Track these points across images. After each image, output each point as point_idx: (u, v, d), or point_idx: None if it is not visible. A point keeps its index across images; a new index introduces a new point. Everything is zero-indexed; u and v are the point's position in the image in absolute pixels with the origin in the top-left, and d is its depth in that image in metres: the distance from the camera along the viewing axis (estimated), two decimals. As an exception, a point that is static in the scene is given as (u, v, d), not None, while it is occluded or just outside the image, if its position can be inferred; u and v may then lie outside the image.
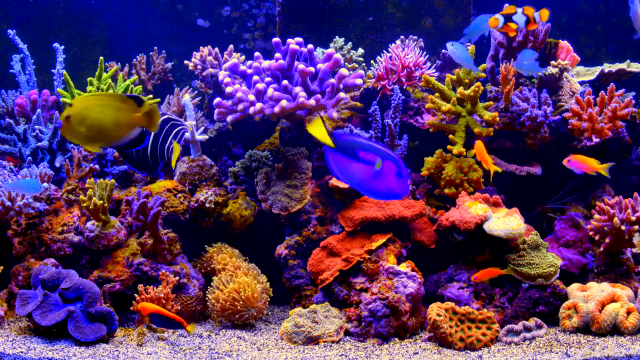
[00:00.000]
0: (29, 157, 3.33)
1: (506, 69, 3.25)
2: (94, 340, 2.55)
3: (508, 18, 2.80)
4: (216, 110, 3.17)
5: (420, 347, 2.60)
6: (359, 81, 3.16)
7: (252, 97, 3.05)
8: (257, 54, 3.27)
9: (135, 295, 2.80)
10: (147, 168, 2.60)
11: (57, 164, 3.41)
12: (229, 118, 3.13)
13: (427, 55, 3.61)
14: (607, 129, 3.09)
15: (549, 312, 2.73)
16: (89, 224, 2.97)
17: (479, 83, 3.14)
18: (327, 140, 2.13)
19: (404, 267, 2.80)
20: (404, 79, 3.50)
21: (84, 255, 3.03)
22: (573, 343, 2.51)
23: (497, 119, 3.15)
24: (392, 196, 2.13)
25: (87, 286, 2.65)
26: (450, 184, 3.15)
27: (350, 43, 3.98)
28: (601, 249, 2.86)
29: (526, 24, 2.82)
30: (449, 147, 3.18)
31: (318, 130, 2.14)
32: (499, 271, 2.79)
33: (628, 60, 3.66)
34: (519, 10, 2.80)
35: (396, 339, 2.71)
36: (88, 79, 3.90)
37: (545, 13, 2.84)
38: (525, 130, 3.24)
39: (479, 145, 2.95)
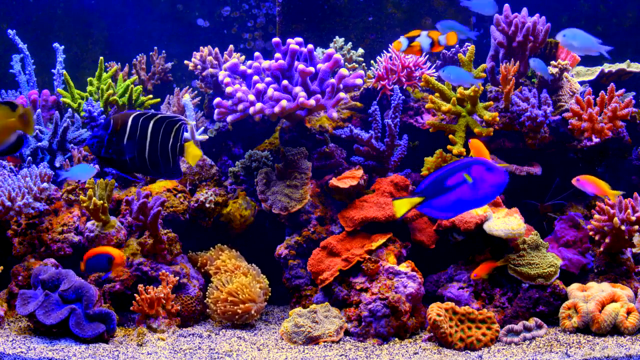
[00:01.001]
0: (29, 157, 3.33)
1: (506, 69, 3.25)
2: (92, 337, 2.55)
3: (412, 39, 2.81)
4: (216, 110, 3.17)
5: (420, 347, 2.60)
6: (359, 81, 3.16)
7: (252, 97, 3.05)
8: (257, 54, 3.27)
9: (135, 295, 2.80)
10: (146, 172, 2.56)
11: (57, 164, 3.41)
12: (229, 118, 3.13)
13: (427, 55, 3.61)
14: (607, 129, 3.09)
15: (549, 312, 2.73)
16: (89, 224, 2.97)
17: (479, 83, 3.14)
18: (416, 201, 2.12)
19: (404, 267, 2.80)
20: (404, 79, 3.50)
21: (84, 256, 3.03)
22: (573, 343, 2.51)
23: (497, 119, 3.15)
24: (500, 188, 2.11)
25: (85, 288, 2.66)
26: (450, 184, 3.15)
27: (350, 43, 3.98)
28: (601, 249, 2.86)
29: (431, 47, 2.82)
30: (449, 147, 3.18)
31: (402, 205, 2.13)
32: (494, 263, 2.80)
33: (628, 60, 3.66)
34: (424, 33, 2.81)
35: (396, 339, 2.71)
36: (88, 79, 3.91)
37: (452, 37, 2.84)
38: (525, 130, 3.24)
39: (475, 144, 2.89)
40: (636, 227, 2.79)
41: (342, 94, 3.05)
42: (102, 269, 2.77)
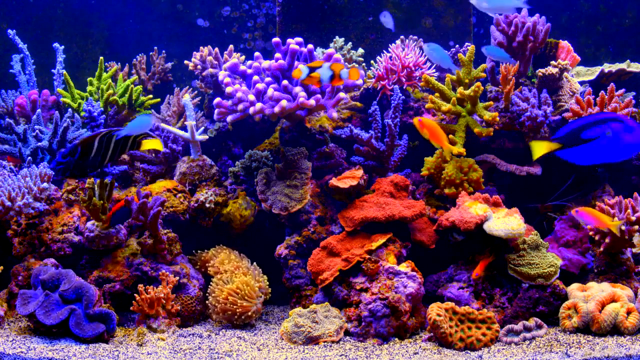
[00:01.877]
0: (29, 157, 3.33)
1: (506, 69, 3.25)
2: (92, 337, 2.55)
3: (313, 70, 2.82)
4: (216, 110, 3.17)
5: (420, 347, 2.60)
6: (359, 81, 3.16)
7: (252, 97, 3.05)
8: (257, 54, 3.27)
9: (135, 295, 2.80)
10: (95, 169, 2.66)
11: (57, 164, 3.41)
12: (229, 118, 3.13)
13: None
14: (607, 129, 3.09)
15: (549, 312, 2.73)
16: (89, 224, 2.97)
17: (479, 83, 3.14)
18: (554, 146, 2.25)
19: (404, 267, 2.80)
20: (404, 79, 3.50)
21: (84, 255, 3.03)
22: (573, 343, 2.51)
23: (497, 119, 3.15)
24: (637, 148, 2.23)
25: (85, 288, 2.66)
26: (450, 184, 3.15)
27: (350, 43, 3.98)
28: (601, 249, 2.86)
29: (331, 79, 2.83)
30: (449, 147, 3.18)
31: (540, 147, 2.26)
32: (489, 259, 2.83)
33: (628, 60, 3.66)
34: (326, 64, 2.83)
35: (396, 339, 2.71)
36: (88, 79, 3.91)
37: (354, 73, 2.88)
38: (525, 130, 3.24)
39: (426, 122, 2.83)
40: (636, 227, 2.79)
41: (342, 94, 3.06)
42: (126, 219, 2.93)
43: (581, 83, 3.55)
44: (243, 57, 3.91)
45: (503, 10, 3.11)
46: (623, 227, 2.78)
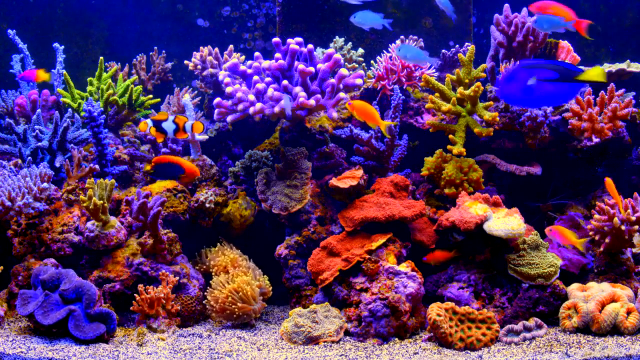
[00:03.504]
0: (29, 157, 3.33)
1: (506, 69, 3.25)
2: (93, 338, 2.55)
3: (158, 122, 2.91)
4: (216, 110, 3.17)
5: (420, 347, 2.60)
6: (359, 81, 3.16)
7: (252, 97, 3.05)
8: (257, 54, 3.27)
9: (135, 295, 2.80)
10: None
11: (57, 164, 3.41)
12: (229, 118, 3.13)
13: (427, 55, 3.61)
14: (607, 129, 3.09)
15: (549, 312, 2.73)
16: (89, 224, 2.97)
17: (479, 83, 3.14)
18: None
19: (404, 267, 2.80)
20: (404, 79, 3.50)
21: (84, 255, 3.03)
22: (573, 343, 2.51)
23: (497, 119, 3.15)
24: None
25: (86, 287, 2.65)
26: (450, 184, 3.15)
27: (350, 43, 3.98)
28: (601, 249, 2.86)
29: (175, 132, 2.93)
30: (449, 147, 3.18)
31: None
32: (448, 254, 2.92)
33: (628, 60, 3.66)
34: (171, 117, 2.92)
35: (396, 339, 2.71)
36: (88, 79, 3.91)
37: (198, 126, 2.99)
38: (525, 130, 3.25)
39: (356, 105, 2.94)
40: (636, 227, 2.79)
41: (342, 94, 3.05)
42: (170, 177, 2.97)
43: (581, 83, 3.54)
44: (243, 57, 3.91)
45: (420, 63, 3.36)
46: (623, 227, 2.78)
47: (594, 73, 2.47)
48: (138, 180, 3.56)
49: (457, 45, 3.92)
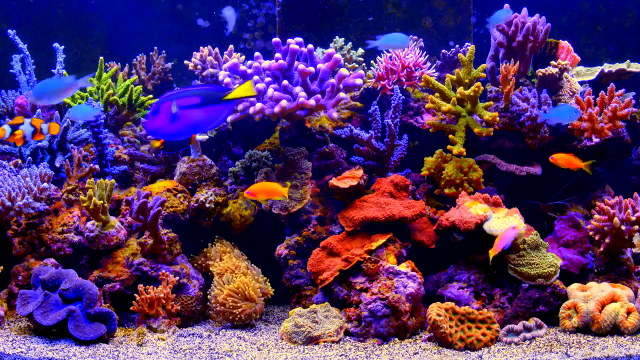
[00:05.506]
0: (29, 157, 3.33)
1: (506, 69, 3.25)
2: (94, 339, 2.55)
3: (15, 127, 2.89)
4: (216, 110, 3.16)
5: (420, 347, 2.60)
6: (359, 81, 3.16)
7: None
8: (257, 54, 3.26)
9: (135, 295, 2.80)
10: None
11: (57, 164, 3.41)
12: (229, 118, 3.13)
13: (427, 55, 3.61)
14: (607, 129, 3.09)
15: (549, 312, 2.73)
16: (89, 224, 2.97)
17: (479, 83, 3.14)
18: None
19: (404, 267, 2.80)
20: (404, 79, 3.50)
21: (84, 255, 3.03)
22: (573, 343, 2.51)
23: (497, 119, 3.15)
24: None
25: (87, 287, 2.65)
26: (450, 184, 3.15)
27: (350, 43, 3.98)
28: (601, 249, 2.86)
29: (33, 135, 2.91)
30: (449, 147, 3.18)
31: None
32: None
33: (628, 60, 3.66)
34: (27, 120, 2.90)
35: (396, 339, 2.71)
36: (88, 79, 3.91)
37: (54, 127, 2.97)
38: (525, 130, 3.24)
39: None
40: (636, 227, 2.79)
41: (342, 94, 3.05)
42: (181, 145, 3.01)
43: (581, 83, 3.55)
44: (243, 57, 3.91)
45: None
46: (623, 227, 2.78)
47: (243, 89, 2.51)
48: (138, 180, 3.56)
49: (457, 45, 3.92)
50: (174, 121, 2.47)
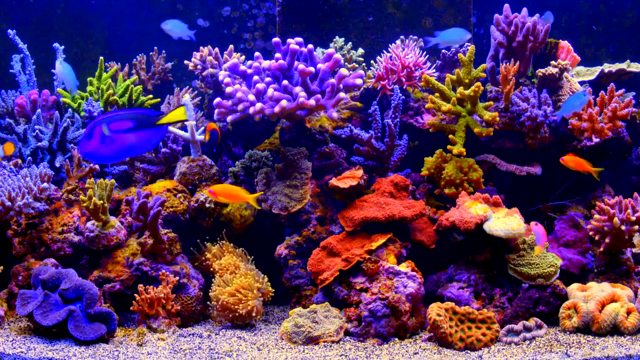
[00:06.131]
0: (29, 157, 3.33)
1: (506, 69, 3.25)
2: (94, 339, 2.55)
3: None
4: (216, 110, 3.17)
5: (420, 347, 2.60)
6: (359, 81, 3.16)
7: (252, 97, 3.05)
8: (257, 54, 3.26)
9: (135, 295, 2.80)
10: None
11: (57, 164, 3.41)
12: (229, 118, 3.13)
13: (427, 55, 3.61)
14: (607, 129, 3.09)
15: (549, 312, 2.73)
16: (89, 224, 2.97)
17: (479, 83, 3.14)
18: None
19: (404, 267, 2.80)
20: (404, 79, 3.50)
21: (84, 255, 3.03)
22: (573, 343, 2.51)
23: (497, 119, 3.15)
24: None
25: (87, 287, 2.65)
26: (450, 184, 3.15)
27: (350, 43, 3.98)
28: (601, 249, 2.86)
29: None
30: (449, 147, 3.18)
31: None
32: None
33: (628, 60, 3.66)
34: None
35: (396, 339, 2.71)
36: (88, 79, 3.91)
37: (9, 148, 3.08)
38: (525, 130, 3.24)
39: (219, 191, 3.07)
40: (636, 227, 2.79)
41: (342, 94, 3.05)
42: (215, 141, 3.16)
43: (581, 83, 3.55)
44: (243, 57, 3.91)
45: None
46: (623, 227, 2.78)
47: (176, 114, 2.57)
48: (138, 180, 3.56)
49: (457, 45, 3.92)
50: (107, 144, 2.52)
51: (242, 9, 4.57)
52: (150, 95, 3.98)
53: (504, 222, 2.85)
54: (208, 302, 2.98)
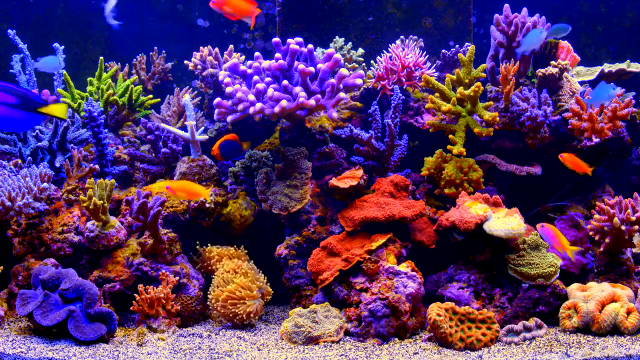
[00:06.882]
0: (29, 157, 3.33)
1: (506, 69, 3.25)
2: (94, 339, 2.55)
3: None
4: (216, 110, 3.17)
5: (420, 347, 2.60)
6: (359, 81, 3.16)
7: (252, 97, 3.05)
8: (257, 54, 3.26)
9: (135, 295, 2.80)
10: None
11: (57, 164, 3.41)
12: (229, 118, 3.13)
13: (427, 55, 3.61)
14: (607, 129, 3.09)
15: (549, 312, 2.73)
16: (89, 224, 2.97)
17: (479, 83, 3.14)
18: None
19: (404, 267, 2.80)
20: (404, 79, 3.50)
21: (84, 255, 3.03)
22: (573, 343, 2.51)
23: (497, 119, 3.15)
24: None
25: (87, 287, 2.65)
26: (450, 184, 3.15)
27: (350, 43, 3.98)
28: (601, 249, 2.86)
29: None
30: (449, 147, 3.18)
31: None
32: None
33: (628, 60, 3.66)
34: None
35: (396, 339, 2.71)
36: (88, 79, 3.91)
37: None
38: (525, 130, 3.24)
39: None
40: (636, 227, 2.79)
41: (342, 94, 3.05)
42: (235, 153, 3.25)
43: (581, 83, 3.55)
44: (243, 57, 3.91)
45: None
46: (623, 227, 2.78)
47: (57, 108, 2.54)
48: (138, 180, 3.56)
49: (457, 45, 3.92)
50: None
51: (242, 9, 4.56)
52: (150, 95, 3.98)
53: (504, 222, 2.85)
54: (208, 302, 2.98)
